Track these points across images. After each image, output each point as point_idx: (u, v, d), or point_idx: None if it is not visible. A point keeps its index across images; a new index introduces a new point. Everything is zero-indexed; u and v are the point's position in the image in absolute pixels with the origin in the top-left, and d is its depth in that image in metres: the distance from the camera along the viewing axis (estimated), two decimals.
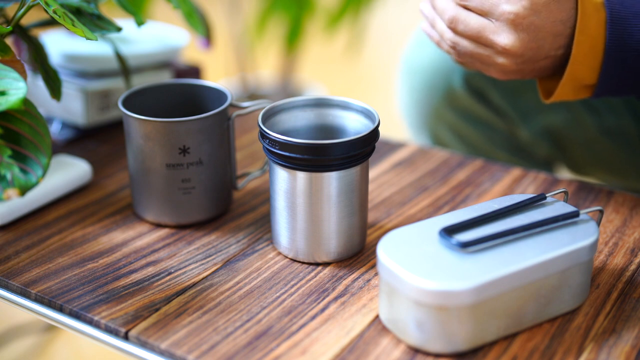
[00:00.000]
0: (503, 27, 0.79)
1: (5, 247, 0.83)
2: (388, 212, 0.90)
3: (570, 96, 0.85)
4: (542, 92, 0.88)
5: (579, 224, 0.73)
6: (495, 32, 0.80)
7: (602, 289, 0.76)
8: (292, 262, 0.81)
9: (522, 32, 0.79)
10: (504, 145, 1.19)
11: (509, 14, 0.78)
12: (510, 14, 0.78)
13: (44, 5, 0.75)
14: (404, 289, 0.67)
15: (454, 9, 0.82)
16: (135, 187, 0.87)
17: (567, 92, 0.84)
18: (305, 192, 0.78)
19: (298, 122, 0.84)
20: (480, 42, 0.81)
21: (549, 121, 1.13)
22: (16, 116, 0.70)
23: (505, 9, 0.78)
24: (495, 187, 0.95)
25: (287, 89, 2.23)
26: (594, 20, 0.80)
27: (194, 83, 0.92)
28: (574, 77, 0.82)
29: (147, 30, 1.10)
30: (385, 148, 1.04)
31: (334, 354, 0.69)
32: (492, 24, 0.80)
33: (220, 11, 2.26)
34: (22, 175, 0.68)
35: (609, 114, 1.10)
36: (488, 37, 0.80)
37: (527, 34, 0.79)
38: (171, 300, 0.76)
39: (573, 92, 0.84)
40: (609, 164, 1.15)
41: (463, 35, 0.82)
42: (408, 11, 2.89)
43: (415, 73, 1.18)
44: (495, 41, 0.80)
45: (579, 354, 0.69)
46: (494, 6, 0.79)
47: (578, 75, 0.82)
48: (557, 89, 0.84)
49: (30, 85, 1.03)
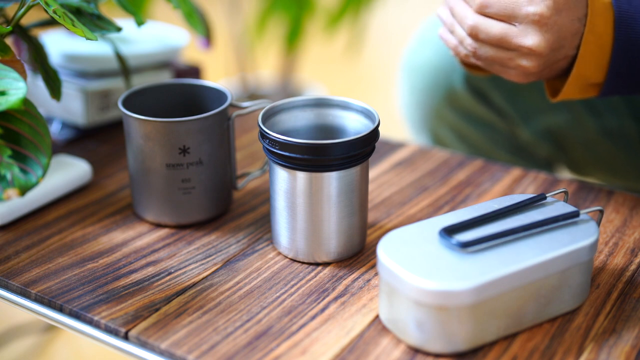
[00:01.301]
0: (528, 29, 0.79)
1: (5, 247, 0.83)
2: (388, 212, 0.90)
3: (577, 95, 0.85)
4: (549, 91, 0.88)
5: (579, 224, 0.73)
6: (519, 35, 0.79)
7: (602, 289, 0.76)
8: (292, 262, 0.81)
9: (547, 33, 0.79)
10: (505, 146, 1.19)
11: (534, 15, 0.78)
12: (535, 15, 0.78)
13: (44, 5, 0.75)
14: (404, 289, 0.67)
15: (474, 16, 0.81)
16: (135, 187, 0.87)
17: (574, 90, 0.84)
18: (305, 192, 0.78)
19: (298, 122, 0.84)
20: (503, 47, 0.81)
21: (550, 122, 1.13)
22: (16, 116, 0.70)
23: (530, 10, 0.78)
24: (495, 187, 0.95)
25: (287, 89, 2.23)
26: (602, 19, 0.80)
27: (194, 83, 0.92)
28: (581, 76, 0.82)
29: (147, 30, 1.10)
30: (385, 148, 1.04)
31: (334, 354, 0.69)
32: (514, 28, 0.80)
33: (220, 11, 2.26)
34: (22, 175, 0.68)
35: (610, 114, 1.10)
36: (512, 41, 0.80)
37: (552, 34, 0.79)
38: (171, 300, 0.76)
39: (580, 90, 0.84)
40: (609, 165, 1.15)
41: (485, 42, 0.82)
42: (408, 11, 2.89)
43: (416, 73, 1.18)
44: (521, 44, 0.79)
45: (579, 354, 0.69)
46: (516, 9, 0.79)
47: (585, 73, 0.82)
48: (564, 87, 0.84)
49: (30, 85, 1.03)
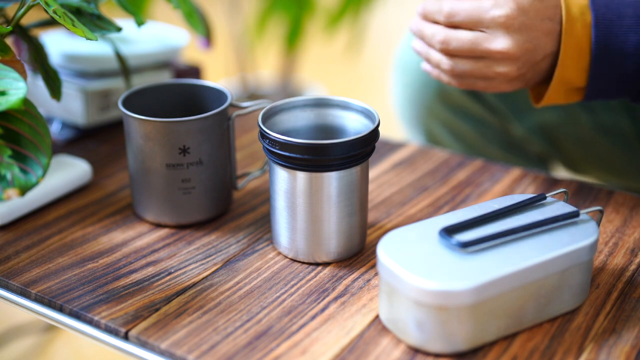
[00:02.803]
0: (496, 32, 0.81)
1: (5, 247, 0.83)
2: (388, 212, 0.90)
3: (561, 100, 0.86)
4: (533, 96, 0.88)
5: (579, 224, 0.73)
6: (488, 40, 0.81)
7: (602, 289, 0.76)
8: (292, 262, 0.81)
9: (515, 33, 0.80)
10: (498, 142, 1.19)
11: (499, 17, 0.80)
12: (500, 17, 0.80)
13: (44, 5, 0.75)
14: (404, 289, 0.67)
15: (443, 31, 0.83)
16: (135, 187, 0.87)
17: (557, 95, 0.85)
18: (305, 192, 0.78)
19: (298, 122, 0.84)
20: (477, 55, 0.82)
21: (542, 118, 1.13)
22: (16, 116, 0.70)
23: (495, 14, 0.80)
24: (495, 187, 0.95)
25: (287, 89, 2.23)
26: (580, 22, 0.81)
27: (194, 83, 0.92)
28: (563, 80, 0.83)
29: (147, 30, 1.10)
30: (385, 148, 1.04)
31: (334, 354, 0.69)
32: (483, 33, 0.81)
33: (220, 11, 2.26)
34: (22, 175, 0.68)
35: (604, 111, 1.10)
36: (483, 47, 0.81)
37: (520, 34, 0.80)
38: (171, 300, 0.76)
39: (564, 95, 0.85)
40: (603, 162, 1.15)
41: (458, 53, 0.83)
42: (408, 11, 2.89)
43: (409, 70, 1.18)
44: (491, 48, 0.81)
45: (579, 354, 0.69)
46: (482, 14, 0.81)
47: (567, 77, 0.83)
48: (547, 92, 0.84)
49: (30, 85, 1.03)
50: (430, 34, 0.84)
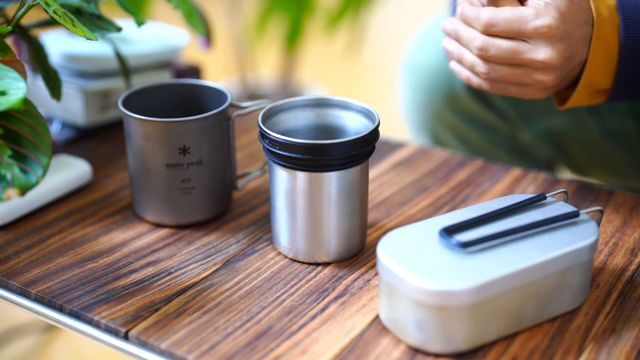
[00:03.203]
0: (539, 42, 0.78)
1: (5, 247, 0.83)
2: (388, 212, 0.90)
3: (585, 102, 0.84)
4: (557, 99, 0.87)
5: (579, 224, 0.73)
6: (530, 50, 0.78)
7: (602, 289, 0.76)
8: (292, 262, 0.81)
9: (557, 43, 0.78)
10: (506, 148, 1.19)
11: (542, 28, 0.77)
12: (543, 27, 0.77)
13: (44, 5, 0.75)
14: (404, 289, 0.67)
15: (481, 37, 0.80)
16: (135, 187, 0.87)
17: (582, 97, 0.83)
18: (305, 192, 0.78)
19: (298, 122, 0.84)
20: (516, 64, 0.80)
21: (550, 123, 1.13)
22: (16, 116, 0.70)
23: (538, 24, 0.77)
24: (495, 187, 0.95)
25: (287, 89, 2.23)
26: (608, 24, 0.80)
27: (194, 83, 0.92)
28: (590, 82, 0.82)
29: (147, 30, 1.10)
30: (385, 148, 1.04)
31: (334, 354, 0.69)
32: (525, 43, 0.78)
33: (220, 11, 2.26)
34: (22, 175, 0.68)
35: (611, 115, 1.10)
36: (524, 57, 0.79)
37: (561, 43, 0.78)
38: (171, 300, 0.76)
39: (588, 97, 0.84)
40: (610, 165, 1.15)
41: (496, 60, 0.80)
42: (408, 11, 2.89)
43: (417, 74, 1.18)
44: (534, 58, 0.78)
45: (579, 354, 0.69)
46: (523, 24, 0.78)
47: (594, 79, 0.82)
48: (572, 95, 0.83)
49: (30, 85, 1.03)
50: (467, 37, 0.81)
